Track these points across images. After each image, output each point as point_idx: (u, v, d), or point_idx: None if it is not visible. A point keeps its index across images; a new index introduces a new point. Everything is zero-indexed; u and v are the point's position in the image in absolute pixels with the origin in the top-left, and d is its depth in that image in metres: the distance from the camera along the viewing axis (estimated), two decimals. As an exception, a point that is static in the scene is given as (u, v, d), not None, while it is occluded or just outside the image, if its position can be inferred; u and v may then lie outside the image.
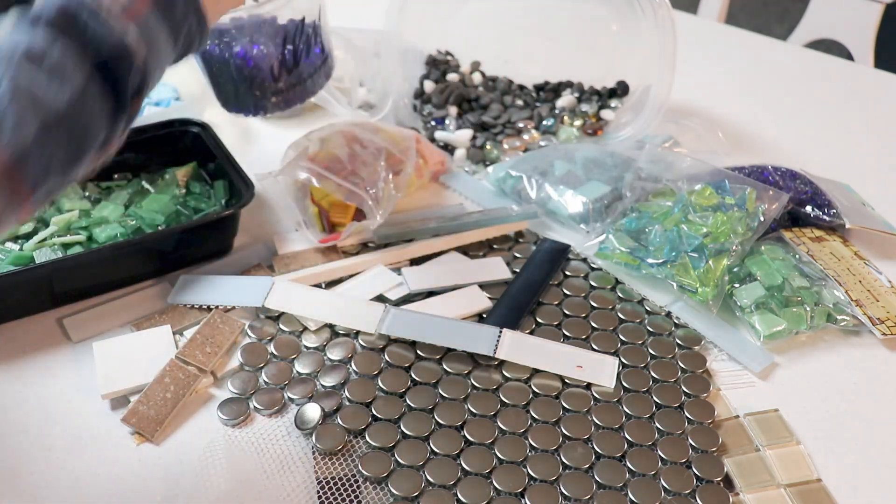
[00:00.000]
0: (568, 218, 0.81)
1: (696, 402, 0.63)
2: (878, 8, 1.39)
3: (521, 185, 0.84)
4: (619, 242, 0.76)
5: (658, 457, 0.59)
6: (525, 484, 0.56)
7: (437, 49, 1.03)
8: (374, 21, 0.97)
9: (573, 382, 0.64)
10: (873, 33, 1.41)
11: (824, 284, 0.73)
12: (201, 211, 0.76)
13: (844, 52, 1.47)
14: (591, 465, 0.58)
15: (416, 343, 0.66)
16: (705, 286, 0.71)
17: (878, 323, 0.70)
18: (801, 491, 0.57)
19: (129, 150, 0.79)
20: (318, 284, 0.71)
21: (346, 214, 0.78)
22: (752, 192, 0.77)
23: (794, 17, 1.53)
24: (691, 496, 0.56)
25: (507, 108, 0.96)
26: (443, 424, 0.60)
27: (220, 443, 0.59)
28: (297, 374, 0.64)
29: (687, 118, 0.97)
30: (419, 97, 0.97)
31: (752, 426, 0.61)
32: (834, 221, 0.79)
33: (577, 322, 0.70)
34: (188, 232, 0.71)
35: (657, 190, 0.81)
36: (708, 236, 0.73)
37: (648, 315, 0.71)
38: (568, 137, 0.92)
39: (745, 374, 0.67)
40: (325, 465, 0.57)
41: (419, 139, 0.86)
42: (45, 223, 0.72)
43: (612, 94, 0.99)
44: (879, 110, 1.08)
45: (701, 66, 1.15)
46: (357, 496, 0.55)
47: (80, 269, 0.68)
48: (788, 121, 1.05)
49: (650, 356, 0.67)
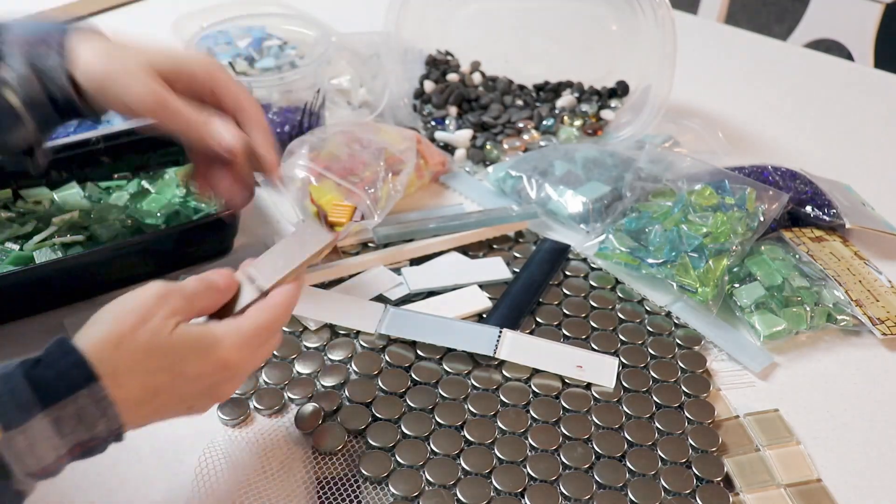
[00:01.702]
0: (568, 218, 0.81)
1: (696, 402, 0.63)
2: (878, 8, 1.39)
3: (521, 185, 0.84)
4: (619, 242, 0.76)
5: (658, 457, 0.59)
6: (525, 484, 0.56)
7: (437, 49, 1.03)
8: (374, 22, 0.97)
9: (573, 382, 0.64)
10: (873, 33, 1.41)
11: (824, 284, 0.73)
12: (201, 211, 0.76)
13: (844, 52, 1.47)
14: (591, 465, 0.58)
15: (416, 343, 0.66)
16: (705, 286, 0.71)
17: (878, 323, 0.70)
18: (801, 491, 0.57)
19: (129, 151, 0.79)
20: (319, 284, 0.71)
21: (345, 214, 0.78)
22: (752, 192, 0.77)
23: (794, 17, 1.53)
24: (691, 496, 0.56)
25: (507, 108, 0.96)
26: (443, 424, 0.60)
27: (220, 443, 0.59)
28: (297, 374, 0.64)
29: (687, 118, 0.97)
30: (419, 97, 0.97)
31: (752, 426, 0.61)
32: (834, 221, 0.79)
33: (577, 322, 0.70)
34: (188, 232, 0.71)
35: (657, 190, 0.81)
36: (708, 236, 0.73)
37: (648, 315, 0.71)
38: (568, 137, 0.92)
39: (745, 374, 0.67)
40: (325, 465, 0.57)
41: (420, 139, 0.86)
42: (45, 223, 0.72)
43: (612, 94, 0.99)
44: (879, 110, 1.08)
45: (701, 66, 1.15)
46: (357, 496, 0.55)
47: (80, 269, 0.68)
48: (788, 121, 1.05)
49: (650, 356, 0.67)
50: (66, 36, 0.59)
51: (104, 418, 0.44)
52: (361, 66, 0.98)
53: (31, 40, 0.58)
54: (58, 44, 0.58)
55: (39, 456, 0.42)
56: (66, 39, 0.59)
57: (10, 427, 0.41)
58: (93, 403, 0.43)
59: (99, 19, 1.22)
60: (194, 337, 0.48)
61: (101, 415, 0.44)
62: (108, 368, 0.44)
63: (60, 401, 0.42)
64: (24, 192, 0.75)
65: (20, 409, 0.41)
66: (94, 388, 0.43)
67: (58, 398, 0.42)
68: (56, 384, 0.43)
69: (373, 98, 0.96)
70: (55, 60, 0.58)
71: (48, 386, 0.42)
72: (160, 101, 0.59)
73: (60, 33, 0.59)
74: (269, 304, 0.51)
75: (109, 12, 1.24)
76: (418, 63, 1.01)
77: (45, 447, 0.42)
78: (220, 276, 0.52)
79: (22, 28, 0.59)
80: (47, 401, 0.42)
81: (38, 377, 0.42)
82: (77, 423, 0.43)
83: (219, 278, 0.51)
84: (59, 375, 0.43)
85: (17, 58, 0.58)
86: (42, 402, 0.42)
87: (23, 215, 0.72)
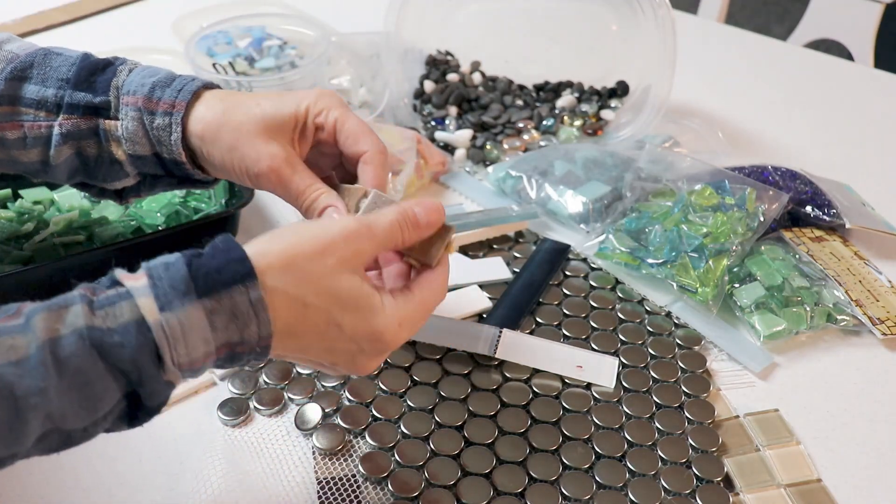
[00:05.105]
0: (568, 218, 0.81)
1: (696, 402, 0.63)
2: (878, 8, 1.39)
3: (521, 185, 0.84)
4: (619, 242, 0.76)
5: (658, 457, 0.59)
6: (525, 484, 0.56)
7: (437, 49, 1.03)
8: (374, 22, 0.97)
9: (573, 382, 0.64)
10: (873, 33, 1.41)
11: (824, 284, 0.73)
12: (201, 211, 0.76)
13: (844, 52, 1.47)
14: (591, 465, 0.58)
15: (416, 343, 0.66)
16: (705, 286, 0.71)
17: (878, 323, 0.70)
18: (801, 491, 0.57)
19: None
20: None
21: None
22: (752, 192, 0.77)
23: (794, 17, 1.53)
24: (691, 496, 0.56)
25: (507, 108, 0.96)
26: (443, 424, 0.60)
27: (220, 443, 0.59)
28: (296, 373, 0.64)
29: (687, 118, 0.97)
30: (419, 97, 0.97)
31: (752, 426, 0.61)
32: (834, 221, 0.79)
33: (577, 322, 0.70)
34: (188, 232, 0.70)
35: (657, 190, 0.81)
36: (708, 236, 0.73)
37: (648, 315, 0.71)
38: (568, 137, 0.92)
39: (745, 374, 0.67)
40: (325, 465, 0.57)
41: (420, 139, 0.86)
42: (45, 223, 0.72)
43: (612, 94, 0.99)
44: (879, 110, 1.08)
45: (701, 66, 1.15)
46: (357, 496, 0.55)
47: (80, 269, 0.68)
48: (788, 121, 1.05)
49: (650, 356, 0.67)
50: (182, 97, 0.56)
51: (256, 321, 0.42)
52: (361, 66, 0.98)
53: (148, 105, 0.56)
54: (171, 105, 0.56)
55: (191, 346, 0.41)
56: (180, 102, 0.56)
57: (165, 309, 0.40)
58: (247, 302, 0.42)
59: (99, 19, 1.22)
60: (363, 294, 0.46)
61: (254, 317, 0.42)
62: (269, 281, 0.43)
63: (217, 292, 0.41)
64: (23, 192, 0.75)
65: (177, 293, 0.41)
66: (252, 287, 0.42)
67: (215, 289, 0.41)
68: (215, 276, 0.42)
69: (373, 98, 0.96)
70: (164, 120, 0.56)
71: (207, 276, 0.42)
72: (274, 172, 0.54)
73: (178, 91, 0.56)
74: (438, 284, 0.50)
75: (109, 12, 1.24)
76: (418, 63, 1.01)
77: (197, 338, 0.41)
78: (426, 211, 0.49)
79: (139, 84, 0.57)
80: (204, 290, 0.41)
81: (198, 266, 0.42)
82: (229, 321, 0.42)
83: (423, 213, 0.49)
84: (218, 268, 0.42)
85: (132, 119, 0.56)
86: (198, 290, 0.41)
87: (23, 215, 0.72)
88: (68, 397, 0.39)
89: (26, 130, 0.57)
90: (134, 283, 0.42)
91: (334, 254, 0.45)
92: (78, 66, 0.57)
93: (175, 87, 0.56)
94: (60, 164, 0.58)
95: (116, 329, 0.40)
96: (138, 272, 0.43)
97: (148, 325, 0.40)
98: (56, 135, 0.57)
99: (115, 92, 0.57)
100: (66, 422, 0.39)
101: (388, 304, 0.47)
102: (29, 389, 0.37)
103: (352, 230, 0.46)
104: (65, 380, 0.38)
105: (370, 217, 0.48)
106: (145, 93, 0.56)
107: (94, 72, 0.57)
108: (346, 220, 0.47)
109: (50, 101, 0.57)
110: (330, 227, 0.46)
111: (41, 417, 0.38)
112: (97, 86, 0.57)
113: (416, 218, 0.49)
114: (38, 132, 0.57)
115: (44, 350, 0.38)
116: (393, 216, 0.48)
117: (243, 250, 0.43)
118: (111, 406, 0.41)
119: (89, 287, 0.42)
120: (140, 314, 0.40)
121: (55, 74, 0.57)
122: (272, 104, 0.55)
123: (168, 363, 0.41)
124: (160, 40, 1.11)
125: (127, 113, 0.56)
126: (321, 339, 0.46)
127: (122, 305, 0.40)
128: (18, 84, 0.57)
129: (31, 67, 0.57)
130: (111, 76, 0.57)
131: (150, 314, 0.40)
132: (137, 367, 0.40)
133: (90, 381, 0.39)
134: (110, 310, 0.40)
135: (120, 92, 0.57)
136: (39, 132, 0.57)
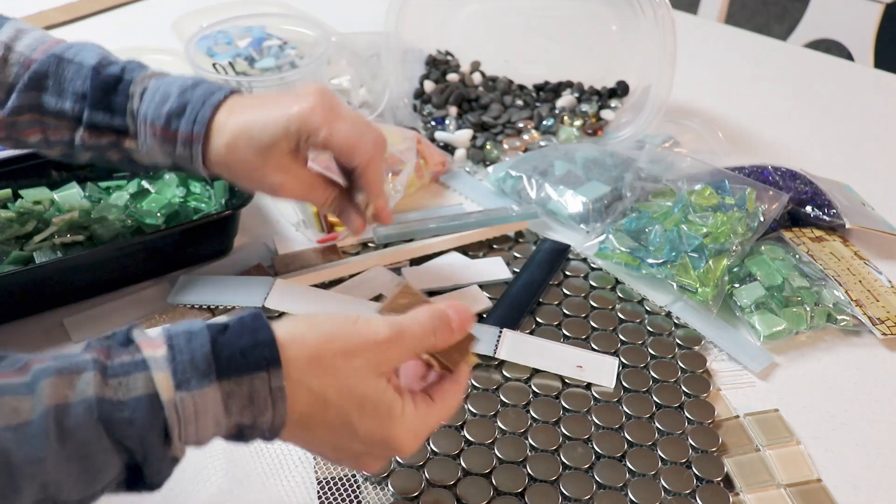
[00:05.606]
0: (568, 218, 0.81)
1: (696, 402, 0.63)
2: (878, 8, 1.39)
3: (521, 185, 0.84)
4: (619, 242, 0.76)
5: (658, 457, 0.59)
6: (525, 484, 0.56)
7: (437, 49, 1.03)
8: (374, 22, 0.97)
9: (573, 382, 0.64)
10: (873, 33, 1.41)
11: (824, 284, 0.73)
12: (201, 211, 0.76)
13: (844, 52, 1.47)
14: (591, 465, 0.58)
15: (416, 343, 0.66)
16: (705, 286, 0.71)
17: (878, 323, 0.70)
18: (801, 491, 0.57)
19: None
20: (319, 284, 0.71)
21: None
22: (752, 192, 0.77)
23: (794, 17, 1.53)
24: (691, 496, 0.56)
25: (507, 108, 0.96)
26: (443, 424, 0.60)
27: (220, 443, 0.59)
28: (297, 374, 0.64)
29: (687, 118, 0.97)
30: (419, 97, 0.97)
31: (752, 426, 0.61)
32: (834, 221, 0.79)
33: (577, 322, 0.70)
34: (188, 232, 0.71)
35: (657, 190, 0.81)
36: (708, 236, 0.73)
37: (648, 315, 0.71)
38: (568, 137, 0.92)
39: (745, 374, 0.67)
40: (325, 465, 0.57)
41: (420, 139, 0.86)
42: (45, 223, 0.72)
43: (612, 94, 0.99)
44: (879, 110, 1.08)
45: (701, 66, 1.15)
46: (357, 496, 0.55)
47: (80, 269, 0.68)
48: (788, 121, 1.05)
49: (650, 356, 0.67)
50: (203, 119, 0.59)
51: (272, 410, 0.41)
52: (361, 66, 0.98)
53: (166, 135, 0.60)
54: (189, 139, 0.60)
55: (201, 427, 0.40)
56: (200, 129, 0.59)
57: (181, 388, 0.39)
58: (267, 389, 0.41)
59: (99, 19, 1.22)
60: (385, 400, 0.44)
61: (271, 406, 0.41)
62: (294, 372, 0.42)
63: (238, 376, 0.40)
64: (24, 192, 0.75)
65: (197, 372, 0.39)
66: (275, 376, 0.41)
67: (237, 372, 0.40)
68: (239, 359, 0.40)
69: (373, 98, 0.96)
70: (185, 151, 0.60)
71: (231, 358, 0.40)
72: (292, 196, 0.62)
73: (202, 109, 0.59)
74: (458, 393, 0.48)
75: (109, 12, 1.24)
76: (418, 63, 1.01)
77: (209, 420, 0.40)
78: (460, 318, 0.47)
79: (155, 115, 0.60)
80: (225, 371, 0.40)
81: (223, 344, 0.40)
82: (245, 406, 0.41)
83: (457, 319, 0.47)
84: (244, 350, 0.41)
85: (152, 144, 0.61)
86: (219, 371, 0.40)
87: (22, 215, 0.72)
88: (67, 468, 0.37)
89: (49, 136, 0.62)
90: (152, 352, 0.40)
91: (364, 355, 0.44)
92: (91, 80, 0.60)
93: (189, 117, 0.59)
94: (82, 160, 0.64)
95: (127, 403, 0.38)
96: (157, 337, 0.41)
97: (161, 402, 0.39)
98: (78, 144, 0.62)
99: (132, 118, 0.60)
100: (62, 492, 0.38)
101: (409, 412, 0.45)
102: (26, 458, 0.36)
103: (384, 337, 0.44)
104: (66, 450, 0.37)
105: (404, 323, 0.45)
106: (162, 124, 0.59)
107: (107, 91, 0.60)
108: (381, 324, 0.45)
109: (68, 114, 0.61)
110: (364, 331, 0.44)
111: (36, 487, 0.37)
112: (114, 108, 0.60)
113: (451, 323, 0.47)
114: (60, 137, 0.62)
115: (48, 417, 0.37)
116: (427, 322, 0.46)
117: (272, 333, 0.42)
118: (110, 479, 0.39)
119: (103, 349, 0.40)
120: (154, 390, 0.39)
121: (70, 87, 0.61)
122: (269, 135, 0.58)
123: (175, 440, 0.40)
124: (160, 40, 1.11)
125: (146, 139, 0.60)
126: (332, 435, 0.45)
127: (136, 377, 0.39)
128: (37, 94, 0.61)
129: (45, 78, 0.61)
130: (124, 100, 0.60)
131: (164, 391, 0.39)
132: (144, 444, 0.39)
133: (91, 454, 0.38)
134: (124, 380, 0.39)
135: (136, 118, 0.60)
136: (61, 137, 0.62)
